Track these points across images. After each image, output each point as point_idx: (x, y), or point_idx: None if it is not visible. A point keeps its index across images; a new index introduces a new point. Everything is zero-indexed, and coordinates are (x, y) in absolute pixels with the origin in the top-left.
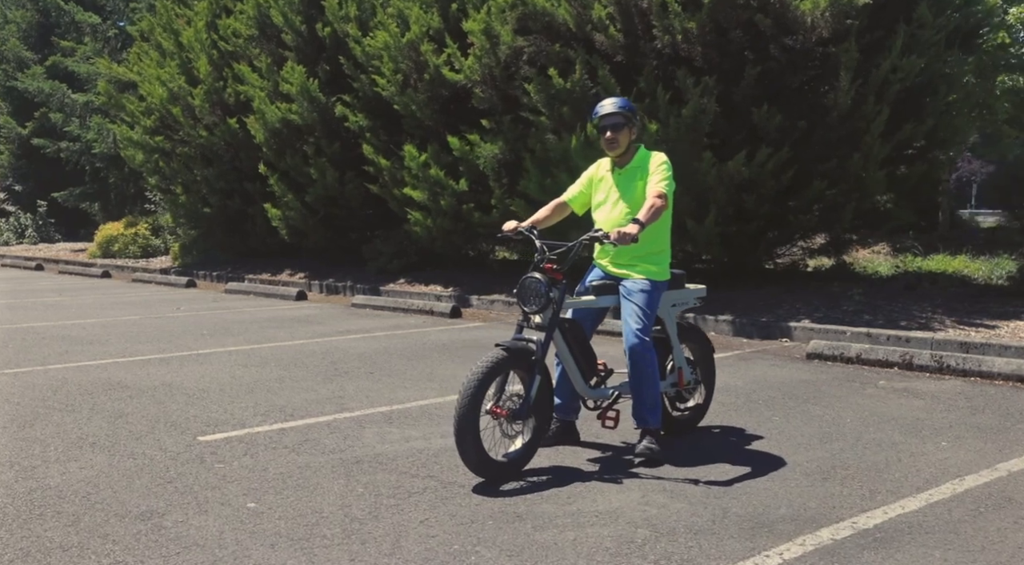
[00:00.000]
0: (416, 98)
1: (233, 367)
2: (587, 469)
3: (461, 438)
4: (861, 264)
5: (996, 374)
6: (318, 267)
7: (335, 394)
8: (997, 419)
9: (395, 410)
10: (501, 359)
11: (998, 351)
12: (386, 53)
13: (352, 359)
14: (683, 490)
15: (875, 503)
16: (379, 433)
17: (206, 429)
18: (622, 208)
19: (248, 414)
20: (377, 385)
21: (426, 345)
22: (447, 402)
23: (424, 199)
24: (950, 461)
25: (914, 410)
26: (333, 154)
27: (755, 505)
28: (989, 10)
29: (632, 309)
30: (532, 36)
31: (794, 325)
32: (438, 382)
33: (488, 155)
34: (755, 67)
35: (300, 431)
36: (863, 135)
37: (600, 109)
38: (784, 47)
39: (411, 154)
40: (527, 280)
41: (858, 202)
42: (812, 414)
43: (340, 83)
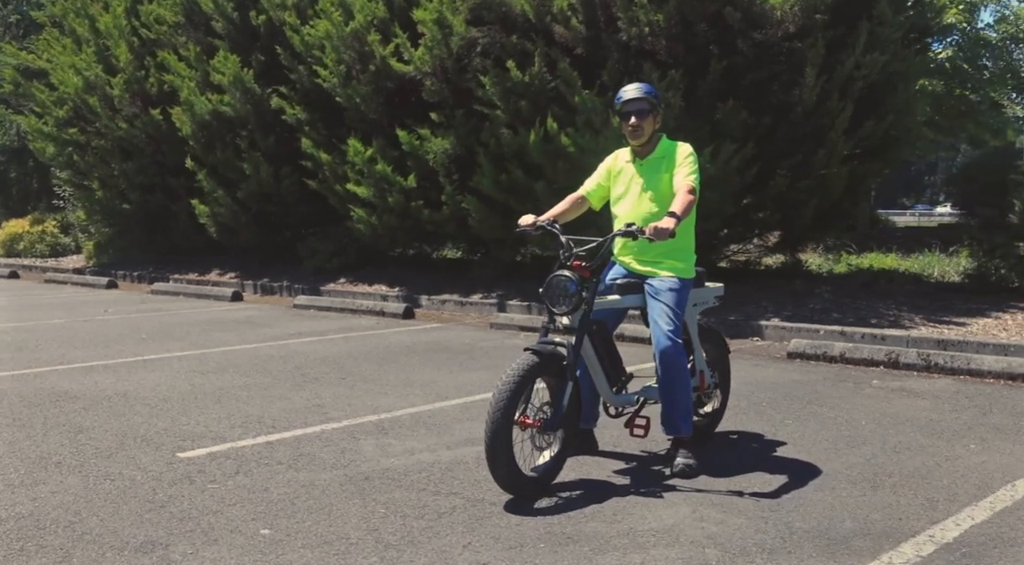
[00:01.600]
0: (360, 90)
1: (189, 374)
2: (618, 482)
3: (493, 454)
4: (808, 263)
5: (987, 372)
6: (249, 266)
7: (312, 402)
8: (1011, 419)
9: (384, 419)
10: (533, 365)
11: (976, 348)
12: (328, 43)
13: (316, 364)
14: (733, 503)
15: (940, 513)
16: (378, 445)
17: (183, 444)
18: (647, 201)
19: (224, 426)
20: (355, 392)
21: (389, 348)
22: (437, 409)
23: (369, 196)
24: (989, 465)
25: (923, 411)
26: (268, 148)
27: (817, 519)
28: (939, 9)
29: (661, 309)
30: (486, 27)
31: (765, 324)
32: (419, 388)
33: (438, 150)
34: (721, 62)
35: (290, 444)
36: (827, 132)
37: (624, 94)
38: (752, 41)
39: (356, 148)
40: (555, 279)
41: (820, 199)
42: (823, 417)
43: (276, 74)
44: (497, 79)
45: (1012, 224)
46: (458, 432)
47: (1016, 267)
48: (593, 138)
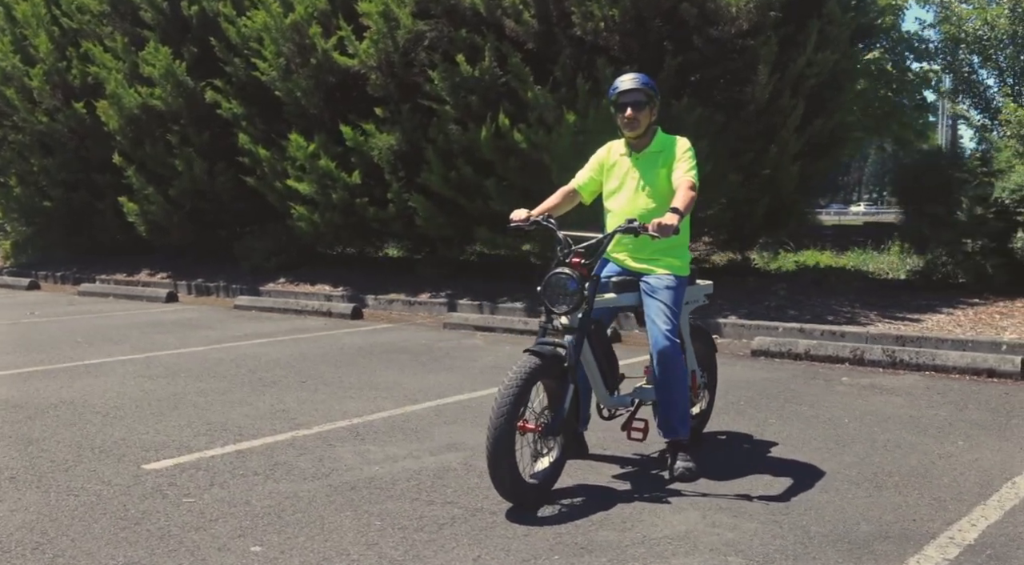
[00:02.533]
0: (301, 84)
1: (138, 379)
2: (618, 487)
3: (496, 461)
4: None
5: (952, 368)
6: (181, 266)
7: (276, 408)
8: (988, 415)
9: (357, 424)
10: (535, 368)
11: (935, 344)
12: (267, 35)
13: (271, 367)
14: (742, 508)
15: (952, 514)
16: (356, 452)
17: (147, 455)
18: (644, 196)
19: (187, 435)
20: (319, 396)
21: (344, 350)
22: (410, 413)
23: (312, 192)
24: (983, 462)
25: (900, 408)
26: (202, 143)
27: (831, 522)
28: (881, 9)
29: (658, 307)
30: (433, 20)
31: (723, 322)
32: (385, 391)
33: (384, 146)
34: (675, 58)
35: (261, 453)
36: (780, 130)
37: (619, 85)
38: (707, 38)
39: (297, 144)
40: (554, 277)
41: (771, 197)
42: (805, 415)
43: (210, 66)
44: (446, 73)
45: (959, 221)
46: (438, 437)
47: (963, 264)
48: (546, 135)
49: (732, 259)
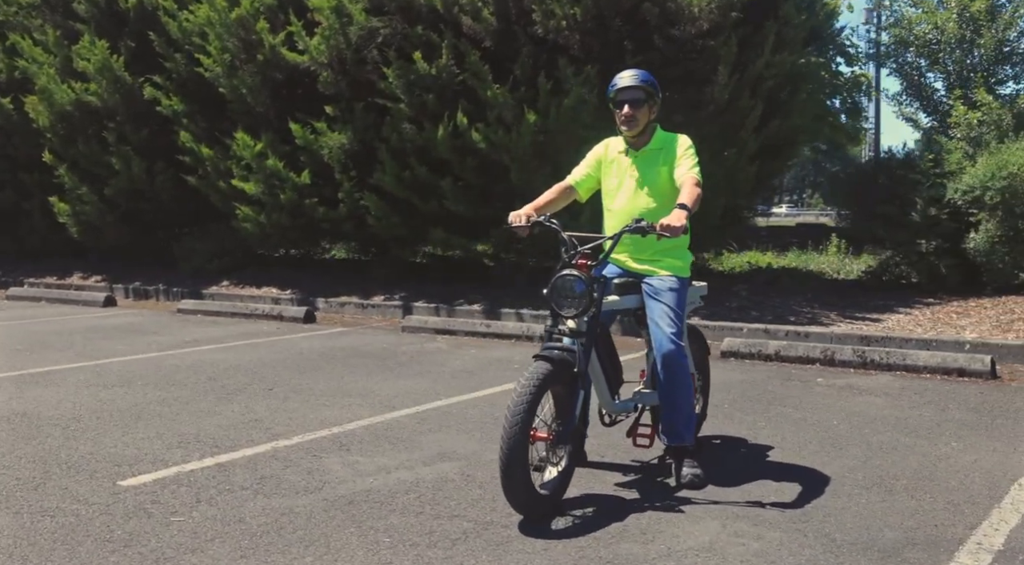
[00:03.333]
0: (247, 81)
1: (91, 389)
2: (626, 496)
3: (510, 473)
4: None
5: (922, 368)
6: (117, 269)
7: (248, 417)
8: (971, 415)
9: (338, 434)
10: (547, 374)
11: (899, 343)
12: (211, 30)
13: (231, 374)
14: (760, 516)
15: (971, 518)
16: (345, 463)
17: (120, 471)
18: (644, 195)
19: (159, 448)
20: (289, 404)
21: (303, 355)
22: (391, 421)
23: (258, 193)
24: (984, 464)
25: (883, 409)
26: (140, 141)
27: (854, 528)
28: (831, 11)
29: (663, 310)
30: (387, 16)
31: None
32: (359, 397)
33: (335, 145)
34: (635, 58)
35: (244, 466)
36: (738, 130)
37: (618, 81)
38: (668, 38)
39: (244, 142)
40: (561, 280)
41: (727, 198)
42: (793, 418)
43: (149, 62)
44: (401, 71)
45: (913, 222)
46: (426, 446)
47: (917, 264)
48: (506, 134)
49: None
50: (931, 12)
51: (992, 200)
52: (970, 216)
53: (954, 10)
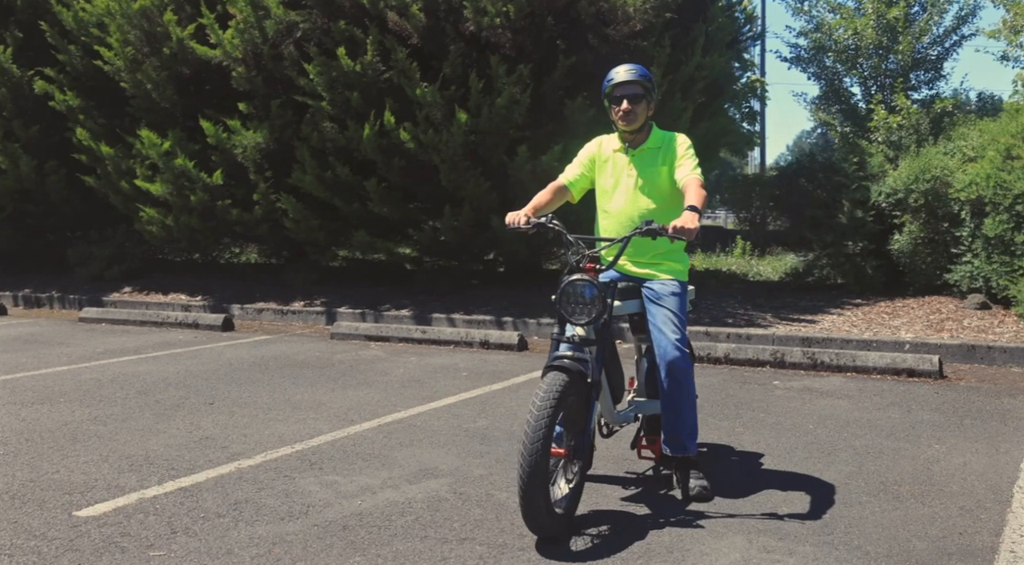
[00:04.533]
0: (151, 76)
1: (9, 407)
2: (636, 511)
3: (531, 494)
4: None
5: (872, 368)
6: (1, 275)
7: (196, 435)
8: (940, 416)
9: (303, 451)
10: (565, 386)
11: (840, 344)
12: (111, 21)
13: (163, 387)
14: (781, 529)
15: (989, 524)
16: (323, 484)
17: (73, 500)
18: (643, 196)
19: (109, 472)
20: (238, 420)
21: (234, 365)
22: (355, 435)
23: (165, 193)
24: (975, 466)
25: (852, 411)
26: (29, 138)
27: (882, 540)
28: (750, 15)
29: (666, 316)
30: (307, 10)
31: (625, 326)
32: (311, 411)
33: (249, 144)
34: (569, 58)
35: (212, 490)
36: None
37: (614, 76)
38: (603, 37)
39: (150, 141)
40: (572, 286)
41: None
42: (767, 423)
43: (40, 54)
44: (323, 68)
45: (840, 224)
46: (403, 462)
47: (844, 265)
48: (436, 134)
49: None
50: (850, 19)
51: (916, 203)
52: (894, 218)
53: (871, 16)
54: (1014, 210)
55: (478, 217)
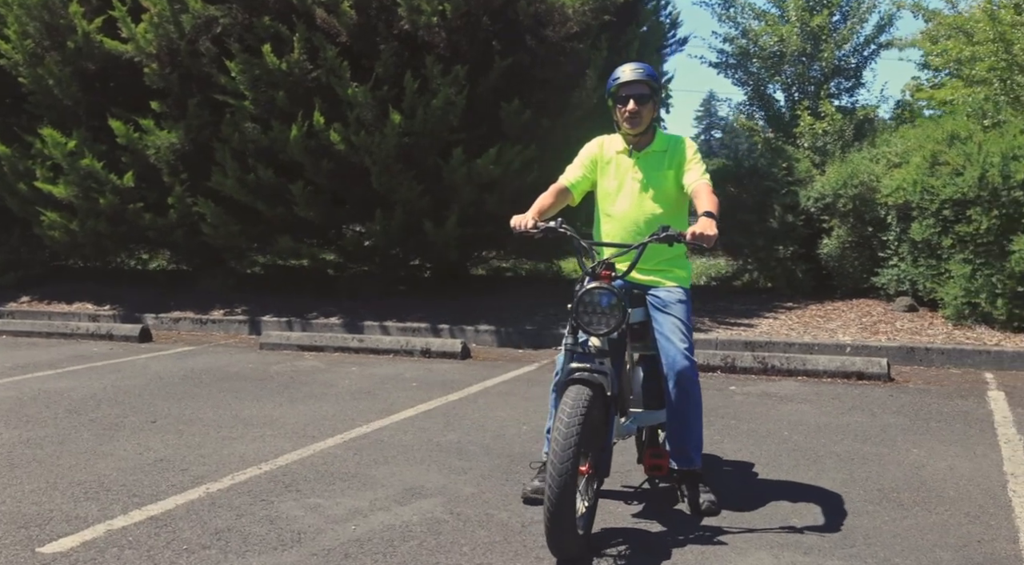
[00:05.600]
0: (54, 71)
1: None
2: (650, 528)
3: (560, 520)
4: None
5: (822, 372)
6: None
7: (149, 457)
8: (904, 419)
9: (273, 472)
10: (590, 400)
11: (783, 348)
12: (8, 11)
13: (94, 405)
14: (802, 542)
15: (999, 530)
16: (306, 507)
17: (31, 534)
18: (649, 200)
19: (64, 501)
20: (190, 439)
21: (165, 379)
22: (324, 453)
23: (70, 196)
24: (961, 470)
25: (819, 416)
26: None
27: (907, 550)
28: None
29: (674, 324)
30: (227, 5)
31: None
32: (266, 427)
33: (164, 144)
34: (505, 59)
35: (187, 519)
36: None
37: (620, 75)
38: (540, 39)
39: (54, 140)
40: (589, 294)
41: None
42: (742, 430)
43: None
44: (246, 66)
45: (771, 228)
46: (385, 482)
47: (775, 269)
48: (368, 136)
49: (548, 266)
50: (775, 25)
51: (845, 207)
52: (822, 223)
53: (796, 24)
54: (941, 215)
55: (409, 221)
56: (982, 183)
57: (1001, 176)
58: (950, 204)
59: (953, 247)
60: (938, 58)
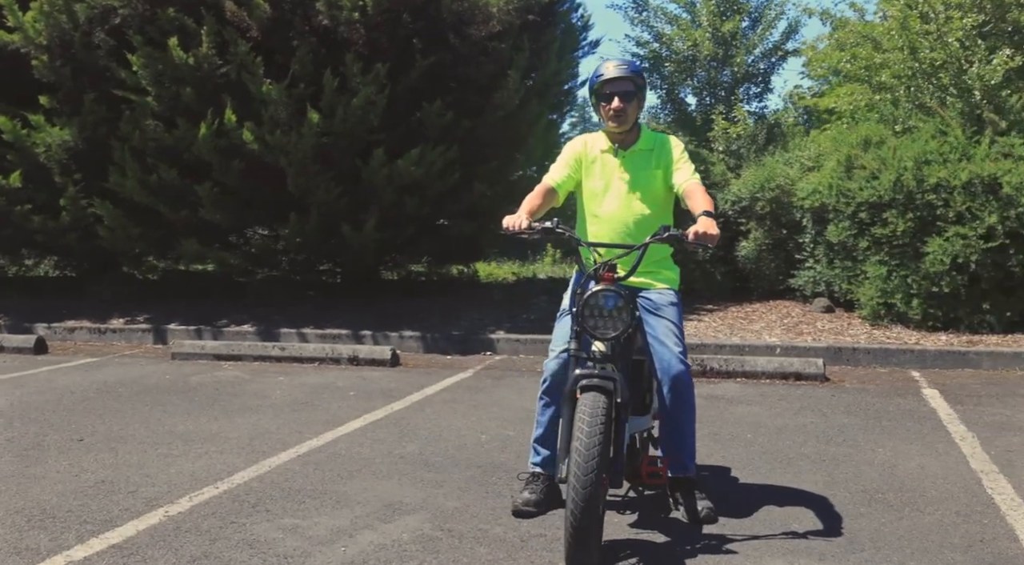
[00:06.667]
0: None
1: None
2: (654, 539)
3: (584, 538)
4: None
5: (761, 373)
6: None
7: (88, 478)
8: (856, 419)
9: (232, 491)
10: (608, 408)
11: (714, 349)
12: None
13: (4, 424)
14: (812, 548)
15: (994, 529)
16: (284, 529)
17: None
18: (637, 201)
19: (8, 531)
20: (125, 458)
21: (76, 394)
22: (280, 469)
23: None
24: (930, 468)
25: (773, 417)
26: None
27: (916, 552)
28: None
29: (667, 327)
30: None
31: (495, 337)
32: (206, 443)
33: (55, 142)
34: (427, 58)
35: (155, 547)
36: (526, 136)
37: (604, 71)
38: (465, 37)
39: None
40: (595, 297)
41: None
42: (703, 433)
43: None
44: (148, 60)
45: None
46: (358, 497)
47: (695, 272)
48: (285, 135)
49: (462, 271)
50: (688, 30)
51: (762, 210)
52: (739, 225)
53: (707, 29)
54: (857, 217)
55: (325, 224)
56: (897, 186)
57: (915, 180)
58: (866, 207)
59: (869, 249)
60: (822, 67)
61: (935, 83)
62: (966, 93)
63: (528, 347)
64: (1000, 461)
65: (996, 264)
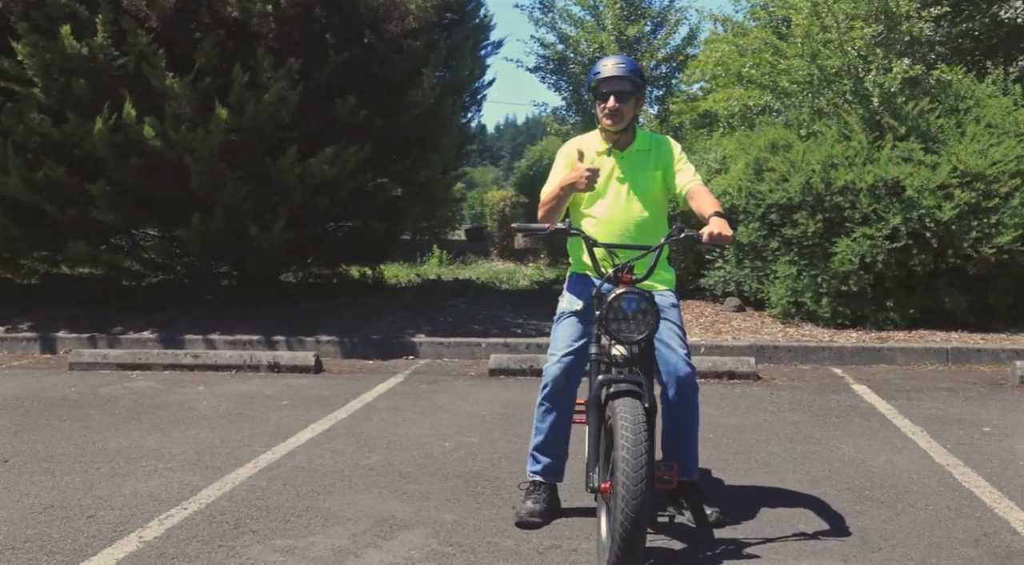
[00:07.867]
0: None
1: None
2: (675, 547)
3: (634, 546)
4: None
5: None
6: None
7: (36, 505)
8: (806, 417)
9: (205, 512)
10: (646, 414)
11: None
12: None
13: None
14: (831, 549)
15: (992, 523)
16: (278, 551)
17: None
18: (636, 203)
19: None
20: (72, 479)
21: None
22: (247, 487)
23: None
24: (899, 464)
25: (727, 417)
26: None
27: (930, 548)
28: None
29: (671, 329)
30: None
31: (417, 341)
32: (152, 460)
33: None
34: (341, 54)
35: None
36: (440, 136)
37: (602, 69)
38: (380, 34)
39: None
40: (619, 300)
41: (421, 207)
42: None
43: None
44: (35, 49)
45: None
46: (345, 514)
47: None
48: (190, 132)
49: (365, 273)
50: (594, 33)
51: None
52: None
53: (612, 33)
54: (767, 219)
55: (230, 224)
56: (806, 189)
57: (823, 182)
58: (776, 208)
59: (779, 249)
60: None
61: (834, 90)
62: (864, 100)
63: (452, 350)
64: (959, 454)
65: (900, 263)
